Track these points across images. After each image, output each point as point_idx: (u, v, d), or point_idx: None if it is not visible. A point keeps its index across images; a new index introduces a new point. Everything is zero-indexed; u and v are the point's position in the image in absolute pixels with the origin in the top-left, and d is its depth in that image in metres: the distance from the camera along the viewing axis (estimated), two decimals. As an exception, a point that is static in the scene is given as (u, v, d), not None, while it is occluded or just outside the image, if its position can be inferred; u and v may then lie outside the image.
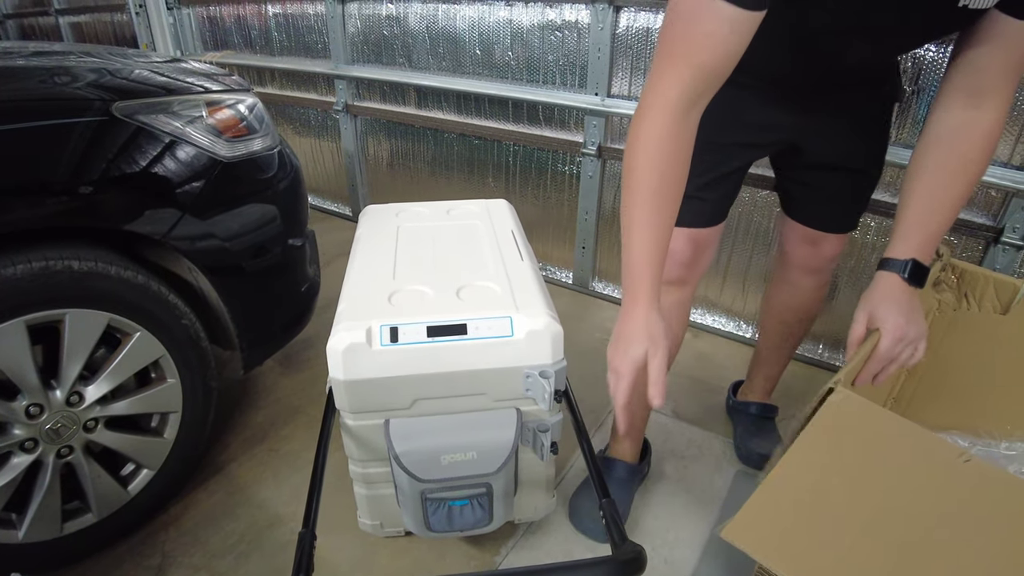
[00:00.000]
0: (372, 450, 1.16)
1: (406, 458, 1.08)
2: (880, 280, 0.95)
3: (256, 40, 3.16)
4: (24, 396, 1.12)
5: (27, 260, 1.07)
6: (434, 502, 1.11)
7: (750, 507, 0.68)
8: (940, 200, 0.92)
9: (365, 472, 1.20)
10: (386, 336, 1.06)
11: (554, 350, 1.10)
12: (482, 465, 1.09)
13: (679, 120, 0.83)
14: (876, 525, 0.67)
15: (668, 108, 0.82)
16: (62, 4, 4.46)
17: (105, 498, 1.28)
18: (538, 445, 1.17)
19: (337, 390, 1.11)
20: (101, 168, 1.14)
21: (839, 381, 0.79)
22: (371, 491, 1.23)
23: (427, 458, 1.08)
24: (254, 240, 1.40)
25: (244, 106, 1.44)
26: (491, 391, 1.13)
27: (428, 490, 1.10)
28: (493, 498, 1.14)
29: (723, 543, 1.30)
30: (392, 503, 1.22)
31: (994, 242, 1.59)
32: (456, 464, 1.09)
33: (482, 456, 1.09)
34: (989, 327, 1.20)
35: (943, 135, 0.91)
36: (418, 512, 1.13)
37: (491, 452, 1.10)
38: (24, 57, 1.31)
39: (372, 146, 2.94)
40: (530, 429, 1.15)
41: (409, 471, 1.07)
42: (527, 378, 1.11)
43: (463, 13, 2.34)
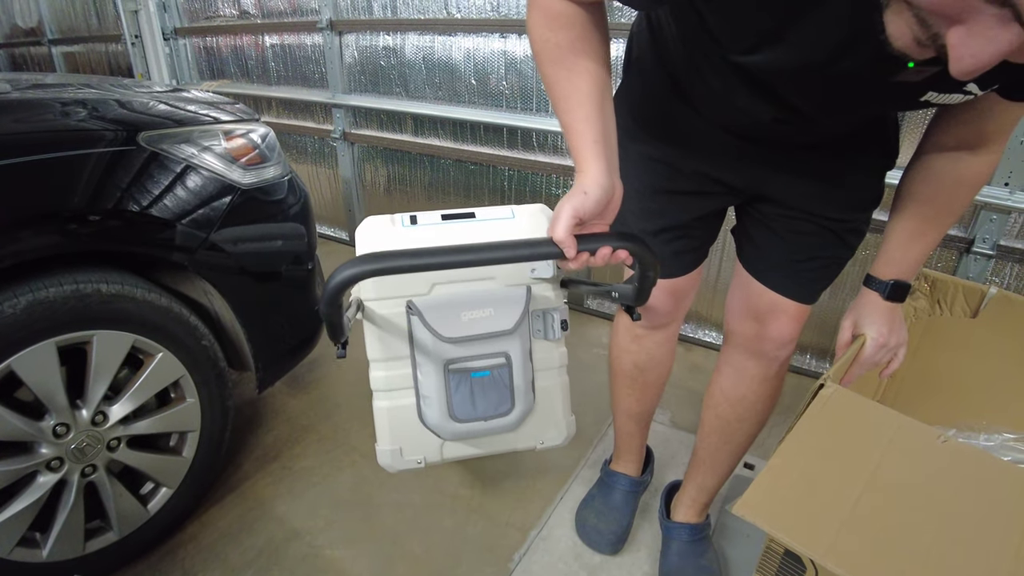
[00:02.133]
0: (395, 343, 1.19)
1: (428, 315, 1.14)
2: (864, 295, 1.01)
3: (253, 70, 3.24)
4: (52, 416, 1.16)
5: (59, 283, 1.12)
6: (456, 375, 1.15)
7: (755, 488, 0.76)
8: (925, 229, 0.94)
9: (388, 375, 1.21)
10: (407, 221, 1.20)
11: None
12: (499, 321, 1.16)
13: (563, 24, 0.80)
14: (867, 499, 0.75)
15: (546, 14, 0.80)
16: (55, 34, 4.52)
17: (126, 516, 1.31)
18: (548, 324, 1.22)
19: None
20: (131, 194, 1.20)
21: (828, 377, 0.88)
22: (393, 401, 1.22)
23: (448, 315, 1.14)
24: (270, 263, 1.46)
25: (257, 135, 1.51)
26: (500, 275, 1.21)
27: (451, 359, 1.15)
28: (512, 372, 1.18)
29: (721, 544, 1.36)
30: (413, 419, 1.22)
31: (966, 252, 1.69)
32: (475, 321, 1.15)
33: (498, 313, 1.16)
34: (961, 330, 1.29)
35: (933, 170, 0.90)
36: (441, 395, 1.16)
37: (506, 310, 1.17)
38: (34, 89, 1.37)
39: (369, 172, 3.02)
40: (540, 310, 1.22)
41: (432, 328, 1.13)
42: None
43: (459, 44, 2.44)
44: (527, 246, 0.83)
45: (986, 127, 0.83)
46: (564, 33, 0.80)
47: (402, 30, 2.58)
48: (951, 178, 0.89)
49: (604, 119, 0.83)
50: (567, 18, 0.80)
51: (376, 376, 1.21)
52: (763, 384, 1.18)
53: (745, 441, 1.26)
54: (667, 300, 1.21)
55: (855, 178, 1.00)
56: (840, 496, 0.76)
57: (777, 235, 1.06)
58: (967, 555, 0.69)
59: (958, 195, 0.91)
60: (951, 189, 0.90)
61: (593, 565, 1.36)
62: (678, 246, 1.14)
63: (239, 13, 3.14)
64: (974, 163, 0.87)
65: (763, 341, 1.13)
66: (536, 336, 1.24)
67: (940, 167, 0.90)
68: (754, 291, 1.11)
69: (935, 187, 0.91)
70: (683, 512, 1.36)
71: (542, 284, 1.22)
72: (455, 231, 1.19)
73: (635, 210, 1.09)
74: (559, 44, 0.80)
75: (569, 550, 1.39)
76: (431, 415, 1.18)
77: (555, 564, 1.36)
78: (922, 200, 0.93)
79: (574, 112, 0.82)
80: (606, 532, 1.41)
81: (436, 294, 1.19)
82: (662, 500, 1.43)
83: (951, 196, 0.91)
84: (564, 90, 0.82)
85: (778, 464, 0.80)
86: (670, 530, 1.36)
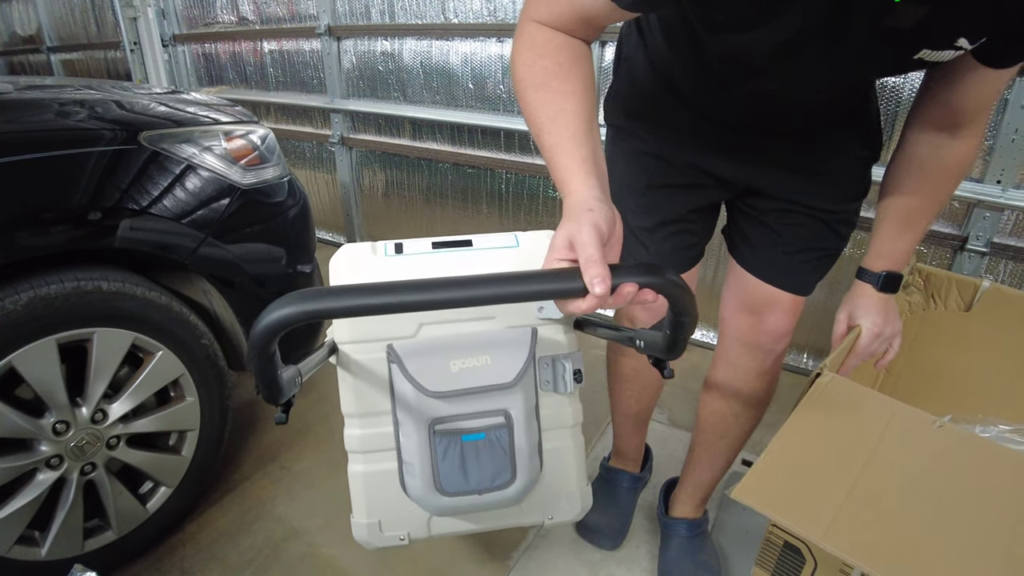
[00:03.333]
0: (374, 395, 1.02)
1: (410, 363, 0.95)
2: (858, 287, 1.02)
3: (252, 76, 3.26)
4: (52, 413, 1.16)
5: (60, 281, 1.12)
6: (444, 438, 0.97)
7: (754, 473, 0.77)
8: (913, 220, 0.96)
9: (364, 434, 1.03)
10: (391, 249, 1.02)
11: None
12: (497, 372, 0.96)
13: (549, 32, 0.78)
14: (864, 483, 0.76)
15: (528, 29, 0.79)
16: (54, 42, 4.54)
17: (125, 515, 1.31)
18: (559, 374, 1.03)
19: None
20: (132, 193, 1.21)
21: (826, 365, 0.89)
22: (370, 466, 1.04)
23: (434, 364, 0.95)
24: (269, 263, 1.46)
25: (257, 136, 1.52)
26: (501, 314, 1.02)
27: (437, 419, 0.97)
28: (514, 433, 0.99)
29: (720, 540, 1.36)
30: (394, 488, 1.04)
31: (960, 250, 1.71)
32: (468, 372, 0.96)
33: (497, 361, 0.97)
34: (956, 324, 1.31)
35: (916, 159, 0.92)
36: (426, 461, 0.97)
37: (507, 358, 0.97)
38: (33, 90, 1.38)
39: (367, 177, 3.03)
40: (548, 357, 1.03)
41: (414, 379, 0.94)
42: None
43: (456, 49, 2.46)
44: (539, 280, 0.64)
45: (965, 104, 0.83)
46: (551, 58, 0.77)
47: (400, 35, 2.60)
48: (935, 166, 0.90)
49: (593, 141, 0.75)
50: (555, 44, 0.78)
51: (351, 435, 1.03)
52: (758, 378, 1.18)
53: (741, 436, 1.25)
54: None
55: (842, 169, 1.01)
56: (838, 480, 0.76)
57: (769, 228, 1.07)
58: (963, 537, 0.70)
59: (943, 183, 0.92)
60: (936, 177, 0.91)
61: (593, 562, 1.36)
62: (676, 242, 1.14)
63: (238, 20, 3.17)
64: (956, 148, 0.88)
65: (759, 334, 1.13)
66: (544, 388, 1.04)
67: (924, 155, 0.91)
68: (749, 285, 1.12)
69: (919, 177, 0.92)
70: (681, 508, 1.36)
71: (551, 326, 1.03)
72: (448, 263, 1.01)
73: (631, 207, 1.10)
74: (545, 68, 0.77)
75: (568, 547, 1.40)
76: (414, 486, 0.99)
77: (554, 561, 1.36)
78: (908, 191, 0.94)
79: (561, 132, 0.74)
80: (605, 528, 1.42)
81: (424, 336, 1.00)
82: (660, 497, 1.44)
83: (937, 184, 0.92)
84: (550, 111, 0.76)
85: (776, 450, 0.81)
86: (668, 526, 1.36)
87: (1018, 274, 1.70)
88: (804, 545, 0.90)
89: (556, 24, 0.78)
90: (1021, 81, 1.52)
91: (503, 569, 1.34)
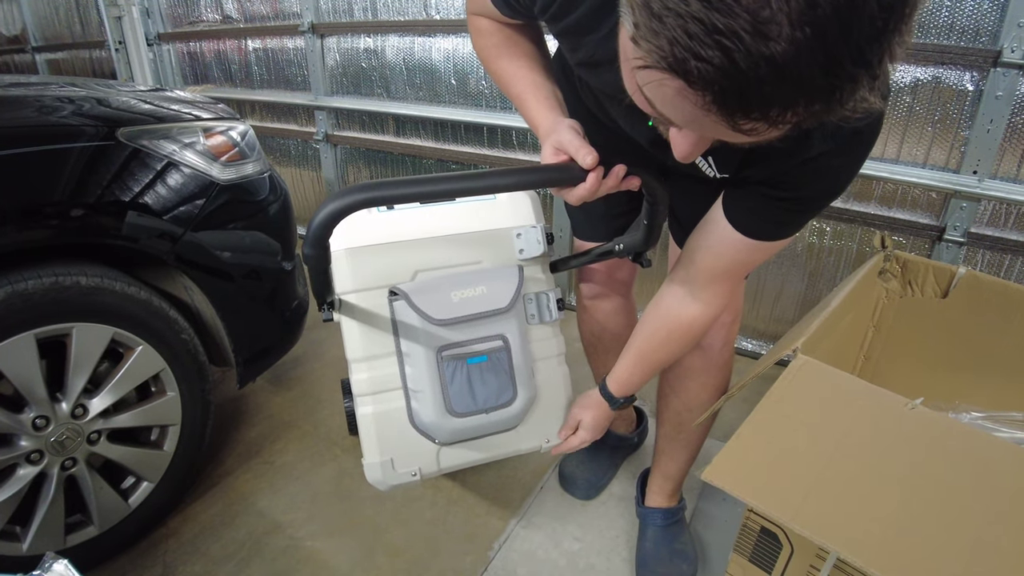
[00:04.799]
0: (378, 337, 1.10)
1: (416, 297, 1.05)
2: (597, 398, 1.16)
3: (236, 74, 3.25)
4: (31, 408, 1.16)
5: (38, 275, 1.12)
6: (451, 363, 1.06)
7: (724, 454, 0.78)
8: (645, 360, 1.06)
9: (372, 376, 1.10)
10: (383, 208, 1.13)
11: (535, 211, 1.20)
12: (493, 300, 1.09)
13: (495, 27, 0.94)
14: (835, 464, 0.77)
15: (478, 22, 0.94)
16: (39, 41, 4.51)
17: (107, 510, 1.31)
18: (543, 305, 1.19)
19: (340, 267, 1.09)
20: (110, 188, 1.21)
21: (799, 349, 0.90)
22: (379, 406, 1.10)
23: (437, 296, 1.06)
24: (250, 258, 1.47)
25: (236, 132, 1.52)
26: (487, 257, 1.15)
27: (443, 345, 1.06)
28: (512, 357, 1.11)
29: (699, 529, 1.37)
30: (404, 423, 1.11)
31: (938, 240, 1.73)
32: (467, 301, 1.07)
33: (492, 291, 1.09)
34: (932, 310, 1.32)
35: (658, 308, 1.03)
36: (436, 388, 1.06)
37: (500, 288, 1.10)
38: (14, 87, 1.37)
39: (352, 174, 3.03)
40: (532, 293, 1.18)
41: (420, 310, 1.05)
42: (519, 236, 1.16)
43: (438, 45, 2.46)
44: (544, 171, 0.78)
45: (716, 263, 0.90)
46: (494, 37, 0.93)
47: (382, 32, 2.60)
48: (669, 318, 1.01)
49: (550, 84, 0.91)
50: (494, 26, 0.94)
51: (359, 379, 1.10)
52: (705, 373, 1.19)
53: (699, 429, 1.27)
54: (600, 267, 1.28)
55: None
56: (809, 462, 0.78)
57: (693, 195, 0.99)
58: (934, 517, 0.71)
59: (673, 337, 1.02)
60: (668, 329, 1.02)
61: (572, 552, 1.37)
62: (601, 209, 1.18)
63: (222, 18, 3.15)
64: (686, 311, 0.98)
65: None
66: (531, 322, 1.17)
67: (662, 305, 1.02)
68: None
69: (654, 324, 1.03)
70: (654, 498, 1.38)
71: (532, 267, 1.17)
72: (434, 212, 1.15)
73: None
74: (495, 44, 0.93)
75: (548, 538, 1.41)
76: (425, 412, 1.07)
77: (534, 551, 1.37)
78: (647, 333, 1.05)
79: (523, 83, 0.90)
80: (581, 479, 1.50)
81: (420, 280, 1.11)
82: (637, 487, 1.45)
83: (667, 336, 1.02)
84: (510, 70, 0.92)
85: (747, 432, 0.82)
86: (644, 515, 1.38)
87: (995, 263, 1.72)
88: (781, 531, 0.91)
89: (484, 14, 0.92)
90: (996, 71, 1.53)
91: (483, 560, 1.35)
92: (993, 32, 1.52)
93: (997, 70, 1.53)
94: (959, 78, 1.61)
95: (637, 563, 1.32)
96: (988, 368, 1.29)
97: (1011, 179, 1.62)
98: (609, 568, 1.34)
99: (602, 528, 1.44)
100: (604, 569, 1.34)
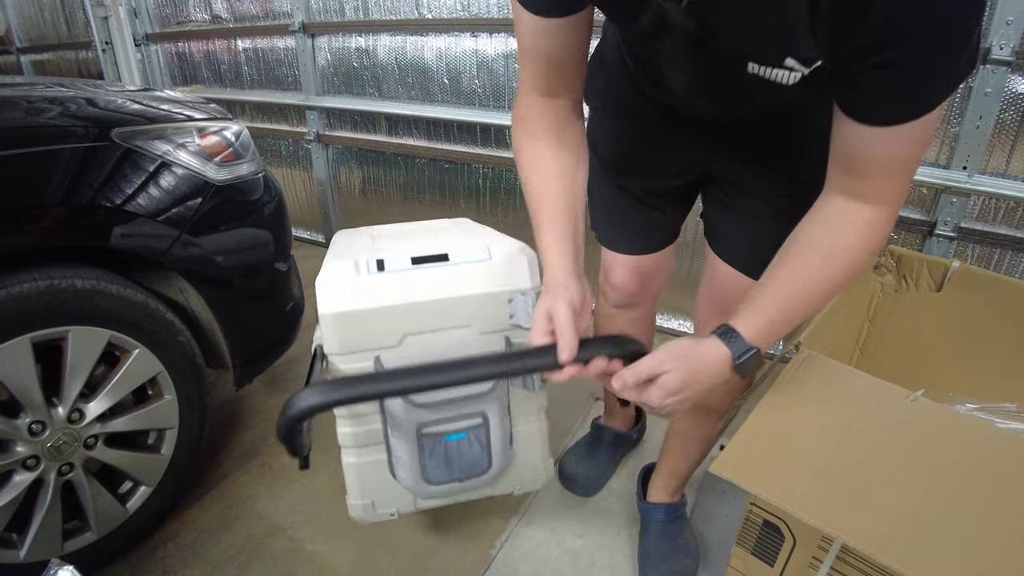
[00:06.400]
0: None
1: None
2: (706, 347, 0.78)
3: (226, 74, 3.23)
4: (27, 413, 1.15)
5: (33, 279, 1.11)
6: (430, 439, 1.09)
7: (732, 447, 0.79)
8: (796, 290, 0.77)
9: (356, 431, 1.15)
10: (373, 266, 1.10)
11: (531, 273, 1.14)
12: (476, 384, 1.06)
13: (540, 109, 0.86)
14: (840, 456, 0.78)
15: (521, 107, 0.88)
16: (24, 42, 4.46)
17: (104, 516, 1.30)
18: (528, 376, 1.14)
19: (327, 328, 1.09)
20: (105, 190, 1.20)
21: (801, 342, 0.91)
22: (361, 458, 1.17)
23: None
24: (246, 259, 1.46)
25: (231, 132, 1.51)
26: (477, 321, 1.13)
27: (423, 423, 1.08)
28: (490, 432, 1.13)
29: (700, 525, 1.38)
30: (384, 473, 1.17)
31: (929, 235, 1.75)
32: None
33: None
34: (927, 304, 1.34)
35: (809, 226, 0.78)
36: (414, 458, 1.10)
37: None
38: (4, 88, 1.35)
39: (344, 174, 3.02)
40: None
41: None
42: (510, 302, 1.09)
43: (431, 44, 2.46)
44: (518, 358, 0.76)
45: (855, 158, 0.70)
46: (538, 142, 0.86)
47: (374, 31, 2.59)
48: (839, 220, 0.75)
49: (573, 220, 0.84)
50: (541, 123, 0.86)
51: (343, 432, 1.16)
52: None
53: (715, 429, 1.25)
54: (631, 280, 1.23)
55: (793, 149, 0.92)
56: (814, 454, 0.78)
57: (738, 215, 1.02)
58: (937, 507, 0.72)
59: (847, 242, 0.74)
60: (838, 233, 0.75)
61: (574, 549, 1.38)
62: (644, 218, 1.15)
63: (211, 18, 3.13)
64: (864, 209, 0.73)
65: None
66: (515, 386, 1.17)
67: (827, 212, 0.76)
68: (722, 275, 1.08)
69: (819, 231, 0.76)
70: (657, 493, 1.38)
71: (523, 334, 1.13)
72: (426, 278, 1.11)
73: (612, 178, 1.14)
74: (533, 152, 0.86)
75: (550, 535, 1.41)
76: (404, 477, 1.13)
77: (536, 549, 1.37)
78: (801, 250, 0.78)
79: (545, 212, 0.84)
80: (581, 476, 1.51)
81: (407, 346, 1.11)
82: (639, 482, 1.45)
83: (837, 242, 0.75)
84: (537, 193, 0.85)
85: (754, 425, 0.82)
86: (646, 511, 1.38)
87: (985, 257, 1.74)
88: (783, 523, 0.92)
89: (536, 85, 0.85)
90: (984, 68, 1.55)
91: (485, 559, 1.35)
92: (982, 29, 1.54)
93: (986, 67, 1.55)
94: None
95: (640, 558, 1.33)
96: (982, 360, 1.30)
97: (1000, 174, 1.65)
98: (611, 564, 1.34)
99: (603, 524, 1.44)
100: (606, 565, 1.34)
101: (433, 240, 1.21)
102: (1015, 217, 1.67)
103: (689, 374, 0.76)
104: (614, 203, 1.17)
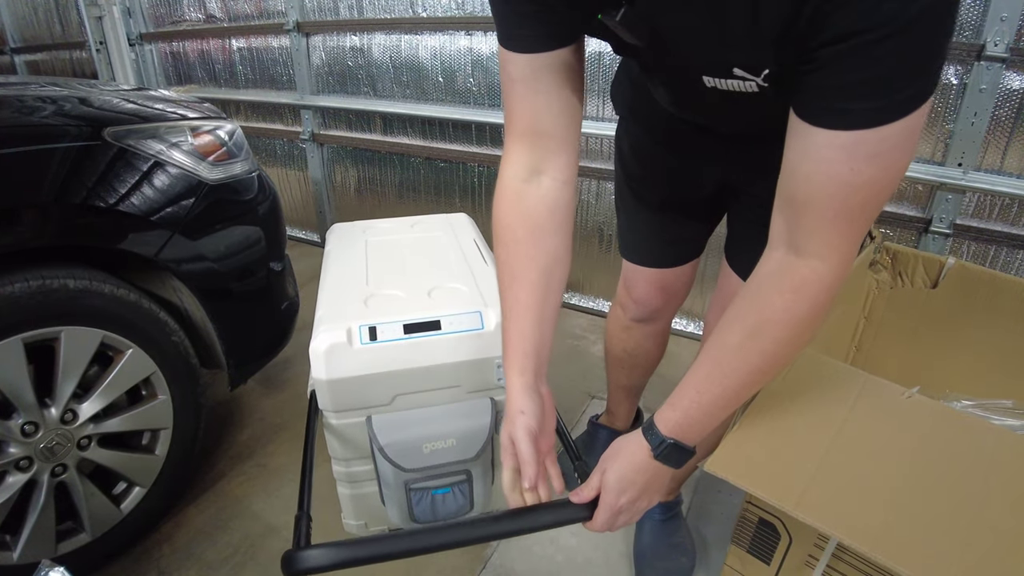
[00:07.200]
0: (355, 448, 1.21)
1: (390, 450, 1.13)
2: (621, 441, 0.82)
3: (220, 74, 3.21)
4: (20, 414, 1.14)
5: (24, 279, 1.10)
6: (418, 492, 1.16)
7: (726, 445, 0.78)
8: (720, 369, 0.72)
9: (349, 471, 1.24)
10: (365, 335, 1.13)
11: None
12: (462, 451, 1.16)
13: (520, 199, 0.80)
14: (835, 453, 0.78)
15: (505, 192, 0.82)
16: (18, 42, 4.43)
17: (99, 517, 1.29)
18: None
19: (320, 390, 1.16)
20: (97, 190, 1.19)
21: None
22: (355, 490, 1.27)
23: (410, 448, 1.13)
24: (240, 258, 1.45)
25: (224, 132, 1.51)
26: (465, 382, 1.19)
27: (412, 480, 1.15)
28: (473, 484, 1.20)
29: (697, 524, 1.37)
30: (375, 501, 1.25)
31: (924, 232, 1.75)
32: (437, 452, 1.15)
33: (461, 443, 1.15)
34: (922, 301, 1.34)
35: (746, 290, 0.71)
36: (403, 503, 1.17)
37: (470, 439, 1.16)
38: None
39: (339, 173, 3.01)
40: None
41: (394, 462, 1.13)
42: (498, 367, 1.18)
43: (425, 43, 2.45)
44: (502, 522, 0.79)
45: (795, 189, 0.62)
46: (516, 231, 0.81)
47: (369, 30, 2.58)
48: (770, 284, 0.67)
49: (538, 331, 0.81)
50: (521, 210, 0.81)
51: (338, 470, 1.25)
52: None
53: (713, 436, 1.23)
54: (656, 295, 1.23)
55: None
56: (809, 451, 0.78)
57: (754, 230, 0.93)
58: (933, 503, 0.72)
59: (768, 326, 0.67)
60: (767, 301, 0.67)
61: (570, 548, 1.38)
62: (658, 229, 1.15)
63: (205, 17, 3.12)
64: (796, 265, 0.65)
65: None
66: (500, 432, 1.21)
67: (760, 274, 0.69)
68: (735, 289, 1.01)
69: (751, 299, 0.70)
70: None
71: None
72: (419, 348, 1.14)
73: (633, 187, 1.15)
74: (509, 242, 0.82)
75: (545, 534, 1.41)
76: (392, 513, 1.21)
77: (531, 548, 1.37)
78: (730, 320, 0.72)
79: (510, 321, 0.82)
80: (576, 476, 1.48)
81: (398, 407, 1.18)
82: None
83: (763, 314, 0.67)
84: (508, 297, 0.82)
85: (749, 423, 0.82)
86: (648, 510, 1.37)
87: (980, 254, 1.75)
88: (779, 521, 0.92)
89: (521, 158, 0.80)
90: (979, 65, 1.55)
91: (481, 559, 1.35)
92: (976, 26, 1.54)
93: (981, 64, 1.55)
94: (943, 72, 1.62)
95: (635, 557, 1.33)
96: (977, 357, 1.30)
97: (995, 171, 1.65)
98: (607, 562, 1.34)
99: (599, 523, 1.44)
100: (602, 563, 1.34)
101: (426, 298, 1.24)
102: (1010, 213, 1.67)
103: (625, 468, 0.79)
104: (636, 214, 1.18)
